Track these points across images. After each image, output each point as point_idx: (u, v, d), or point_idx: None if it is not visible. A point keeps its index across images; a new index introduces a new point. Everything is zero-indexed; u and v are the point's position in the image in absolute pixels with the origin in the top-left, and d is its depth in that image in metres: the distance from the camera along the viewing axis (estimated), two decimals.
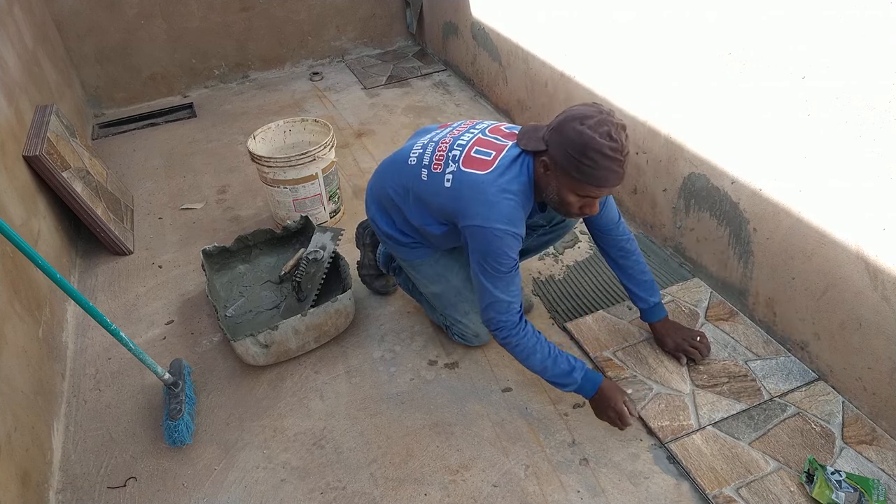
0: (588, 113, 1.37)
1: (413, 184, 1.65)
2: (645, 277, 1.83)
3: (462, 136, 1.62)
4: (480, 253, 1.51)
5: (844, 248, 1.58)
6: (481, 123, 1.68)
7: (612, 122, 1.36)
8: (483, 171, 1.51)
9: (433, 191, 1.60)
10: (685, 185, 2.11)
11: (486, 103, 3.51)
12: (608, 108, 1.40)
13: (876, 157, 1.44)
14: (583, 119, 1.36)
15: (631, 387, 1.80)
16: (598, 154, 1.35)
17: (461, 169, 1.54)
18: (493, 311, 1.56)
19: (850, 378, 1.69)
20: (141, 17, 3.58)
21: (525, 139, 1.51)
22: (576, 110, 1.40)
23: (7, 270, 1.79)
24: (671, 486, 1.56)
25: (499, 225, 1.47)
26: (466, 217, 1.51)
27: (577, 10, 2.41)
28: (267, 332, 1.84)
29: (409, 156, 1.68)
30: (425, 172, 1.62)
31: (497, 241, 1.48)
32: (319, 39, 4.10)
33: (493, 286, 1.53)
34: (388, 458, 1.68)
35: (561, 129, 1.40)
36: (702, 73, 1.89)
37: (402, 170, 1.69)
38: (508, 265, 1.52)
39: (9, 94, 2.33)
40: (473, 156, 1.55)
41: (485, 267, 1.52)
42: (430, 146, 1.66)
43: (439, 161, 1.60)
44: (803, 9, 1.51)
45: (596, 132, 1.34)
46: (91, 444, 1.78)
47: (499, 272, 1.52)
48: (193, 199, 2.87)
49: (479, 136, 1.60)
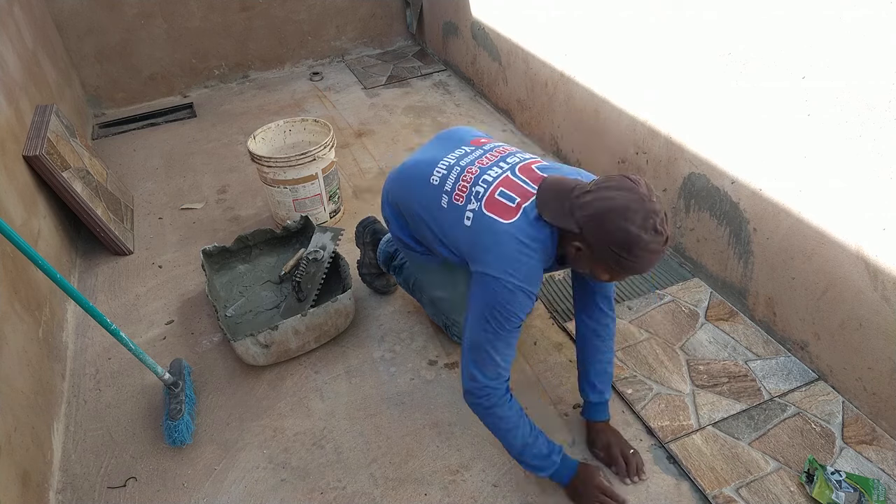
0: (631, 205, 1.21)
1: (432, 206, 1.55)
2: (609, 369, 1.65)
3: (490, 170, 1.49)
4: (486, 305, 1.37)
5: (844, 248, 1.59)
6: (512, 156, 1.53)
7: (656, 210, 1.22)
8: (505, 220, 1.38)
9: (451, 223, 1.50)
10: (685, 185, 2.11)
11: (486, 103, 3.51)
12: (645, 186, 1.25)
13: (876, 157, 1.44)
14: (626, 214, 1.21)
15: (631, 387, 1.80)
16: (645, 251, 1.23)
17: (482, 211, 1.42)
18: (482, 373, 1.40)
19: (850, 378, 1.69)
20: (141, 17, 3.58)
21: (549, 209, 1.34)
22: (616, 200, 1.23)
23: (7, 270, 1.79)
24: (671, 486, 1.56)
25: (513, 280, 1.34)
26: (480, 263, 1.39)
27: (577, 10, 2.41)
28: (267, 332, 1.84)
29: (433, 173, 1.57)
30: (445, 199, 1.51)
31: (508, 296, 1.34)
32: (319, 39, 4.10)
33: (491, 345, 1.38)
34: (388, 458, 1.68)
35: (601, 222, 1.24)
36: (702, 73, 1.89)
37: (423, 187, 1.58)
38: (514, 324, 1.38)
39: (9, 94, 2.33)
40: (497, 198, 1.42)
41: (487, 321, 1.37)
42: (455, 170, 1.54)
43: (461, 193, 1.48)
44: (803, 9, 1.51)
45: (643, 230, 1.20)
46: (91, 444, 1.78)
47: (501, 329, 1.37)
48: (193, 199, 2.87)
49: (507, 176, 1.46)
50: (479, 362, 1.41)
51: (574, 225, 1.29)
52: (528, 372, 1.89)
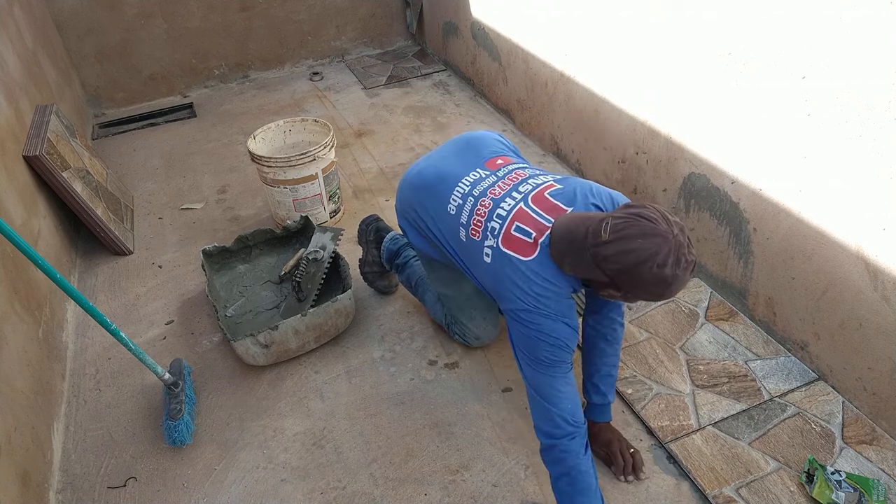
0: (659, 250, 1.17)
1: (451, 238, 1.57)
2: (613, 373, 1.65)
3: (503, 202, 1.47)
4: (528, 339, 1.35)
5: (844, 248, 1.59)
6: (524, 184, 1.50)
7: (681, 242, 1.19)
8: (524, 258, 1.37)
9: (472, 258, 1.51)
10: (685, 185, 2.11)
11: (486, 103, 3.51)
12: (662, 218, 1.20)
13: (876, 157, 1.44)
14: (657, 260, 1.17)
15: (631, 387, 1.80)
16: (681, 282, 1.22)
17: (500, 248, 1.41)
18: (556, 400, 1.36)
19: (850, 378, 1.69)
20: (141, 17, 3.58)
21: (568, 263, 1.31)
22: (643, 251, 1.18)
23: (7, 270, 1.79)
24: (671, 486, 1.56)
25: (548, 311, 1.33)
26: (509, 301, 1.38)
27: (577, 10, 2.41)
28: (267, 332, 1.84)
29: (450, 202, 1.56)
30: (463, 233, 1.51)
31: (548, 323, 1.33)
32: (319, 39, 4.10)
33: (551, 380, 1.35)
34: (388, 458, 1.68)
35: (635, 276, 1.20)
36: (702, 73, 1.89)
37: (442, 213, 1.57)
38: (563, 354, 1.34)
39: (9, 94, 2.33)
40: (513, 234, 1.40)
41: (538, 357, 1.35)
42: (469, 200, 1.53)
43: (477, 228, 1.48)
44: (803, 9, 1.51)
45: (676, 268, 1.18)
46: (91, 444, 1.78)
47: (552, 363, 1.34)
48: (193, 199, 2.87)
49: (521, 207, 1.43)
50: (548, 397, 1.37)
51: (602, 275, 1.25)
52: None
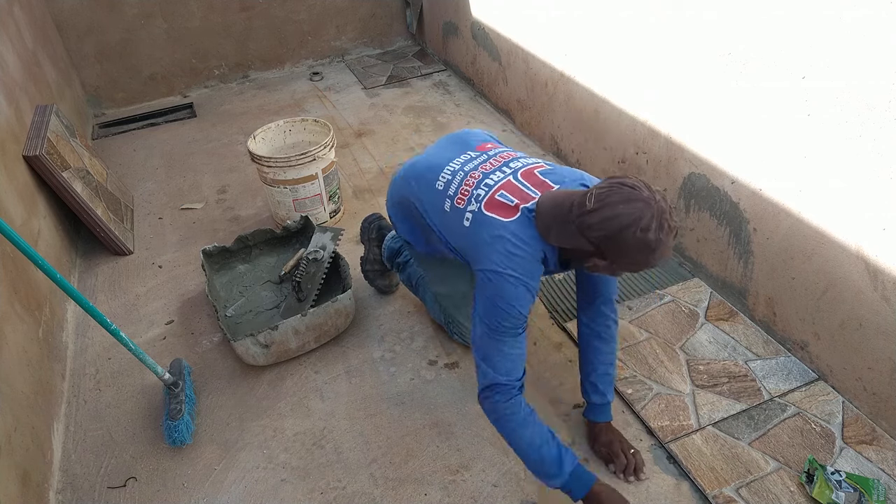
0: (642, 214, 1.22)
1: (436, 210, 1.58)
2: (611, 371, 1.65)
3: (492, 174, 1.51)
4: (489, 302, 1.38)
5: (844, 248, 1.59)
6: (515, 161, 1.56)
7: (663, 208, 1.24)
8: (505, 219, 1.40)
9: (452, 225, 1.53)
10: (685, 185, 2.11)
11: (486, 103, 3.51)
12: (645, 186, 1.26)
13: (876, 157, 1.44)
14: (640, 224, 1.22)
15: (631, 387, 1.80)
16: (666, 248, 1.27)
17: (482, 211, 1.44)
18: (493, 369, 1.40)
19: (850, 378, 1.69)
20: (141, 17, 3.58)
21: (554, 233, 1.36)
22: (626, 215, 1.23)
23: (7, 270, 1.79)
24: (671, 486, 1.56)
25: (515, 273, 1.36)
26: (481, 262, 1.41)
27: (577, 10, 2.41)
28: (267, 332, 1.84)
29: (439, 179, 1.59)
30: (448, 204, 1.54)
31: (510, 290, 1.36)
32: (319, 39, 4.10)
33: (498, 343, 1.39)
34: (388, 458, 1.68)
35: (619, 240, 1.25)
36: (702, 73, 1.89)
37: (429, 192, 1.61)
38: (517, 322, 1.38)
39: (9, 94, 2.33)
40: (497, 199, 1.44)
41: (492, 322, 1.38)
42: (458, 175, 1.56)
43: (464, 196, 1.51)
44: (803, 9, 1.51)
45: (660, 233, 1.23)
46: (91, 444, 1.78)
47: (505, 330, 1.38)
48: (193, 199, 2.87)
49: (509, 180, 1.48)
50: (489, 359, 1.41)
51: (587, 244, 1.30)
52: (529, 372, 1.88)
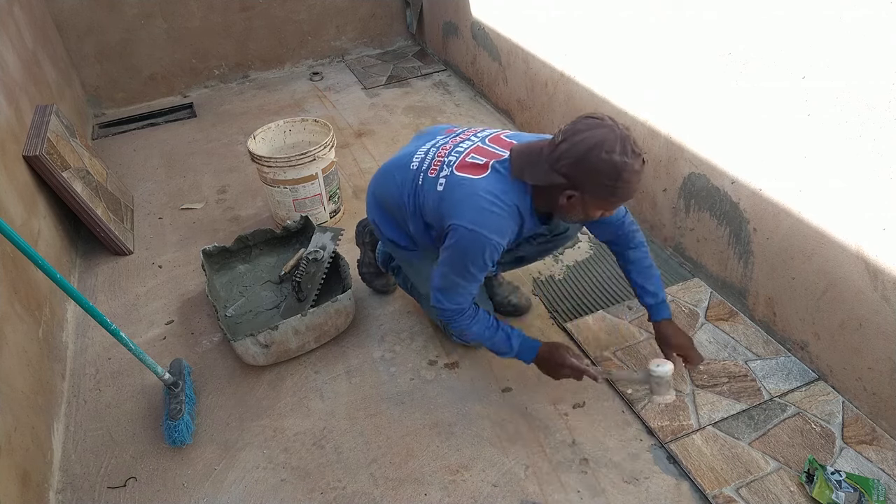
0: (606, 137, 1.33)
1: (411, 189, 1.64)
2: (656, 272, 1.76)
3: (461, 144, 1.61)
4: (459, 251, 1.49)
5: (844, 248, 1.59)
6: (484, 132, 1.66)
7: (627, 135, 1.35)
8: (476, 176, 1.50)
9: (425, 194, 1.59)
10: (685, 185, 2.11)
11: (486, 103, 3.51)
12: (608, 118, 1.38)
13: (876, 157, 1.44)
14: (605, 146, 1.32)
15: (631, 387, 1.80)
16: (632, 173, 1.34)
17: (454, 173, 1.53)
18: (449, 300, 1.58)
19: (850, 378, 1.69)
20: (141, 17, 3.58)
21: (528, 173, 1.45)
22: (589, 138, 1.34)
23: (7, 270, 1.79)
24: (671, 486, 1.56)
25: (485, 232, 1.45)
26: (454, 217, 1.49)
27: (577, 10, 2.41)
28: (267, 332, 1.84)
29: (412, 161, 1.67)
30: (422, 177, 1.61)
31: (480, 246, 1.46)
32: (319, 39, 4.10)
33: (465, 282, 1.55)
34: (388, 458, 1.68)
35: (586, 163, 1.34)
36: (702, 73, 1.89)
37: (405, 175, 1.67)
38: (483, 270, 1.52)
39: (9, 94, 2.33)
40: (468, 161, 1.54)
41: (459, 266, 1.51)
42: (431, 152, 1.65)
43: (436, 166, 1.59)
44: (803, 9, 1.51)
45: (625, 156, 1.32)
46: (91, 444, 1.78)
47: (470, 273, 1.52)
48: (193, 199, 2.87)
49: (478, 145, 1.59)
50: (446, 292, 1.58)
51: (559, 177, 1.39)
52: (528, 372, 1.88)
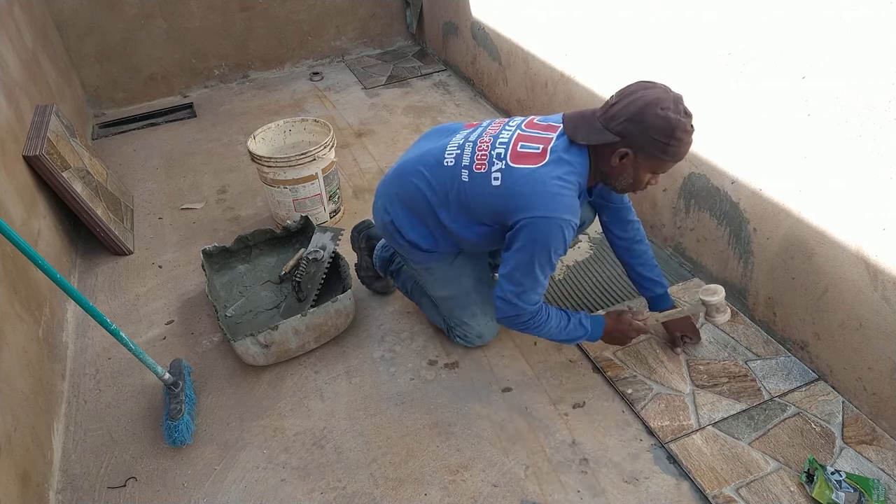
0: (660, 96, 1.39)
1: (452, 185, 1.60)
2: (655, 262, 1.86)
3: (501, 134, 1.60)
4: (540, 244, 1.49)
5: (844, 248, 1.59)
6: (513, 120, 1.65)
7: (679, 97, 1.41)
8: (536, 165, 1.49)
9: (477, 190, 1.56)
10: (685, 185, 2.11)
11: (486, 103, 3.51)
12: (659, 83, 1.44)
13: (876, 157, 1.44)
14: (659, 103, 1.38)
15: (631, 387, 1.80)
16: (685, 133, 1.40)
17: (510, 165, 1.51)
18: (524, 302, 1.57)
19: (850, 378, 1.69)
20: (141, 17, 3.58)
21: (580, 133, 1.49)
22: (645, 96, 1.40)
23: (7, 270, 1.79)
24: (671, 486, 1.56)
25: (565, 215, 1.47)
26: (526, 210, 1.48)
27: (577, 10, 2.41)
28: (267, 332, 1.84)
29: (445, 157, 1.63)
30: (466, 174, 1.58)
31: (559, 230, 1.47)
32: (319, 39, 4.10)
33: (537, 279, 1.54)
34: (388, 458, 1.68)
35: (641, 119, 1.39)
36: (702, 73, 1.89)
37: (437, 171, 1.64)
38: (560, 255, 1.54)
39: (9, 94, 2.33)
40: (521, 151, 1.53)
41: (541, 258, 1.51)
42: (467, 146, 1.62)
43: (482, 161, 1.56)
44: (803, 9, 1.51)
45: (678, 113, 1.38)
46: (91, 444, 1.78)
47: (551, 264, 1.53)
48: (193, 199, 2.87)
49: (519, 132, 1.58)
50: (522, 294, 1.56)
51: (612, 135, 1.43)
52: (529, 372, 1.89)
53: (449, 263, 1.81)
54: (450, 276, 1.83)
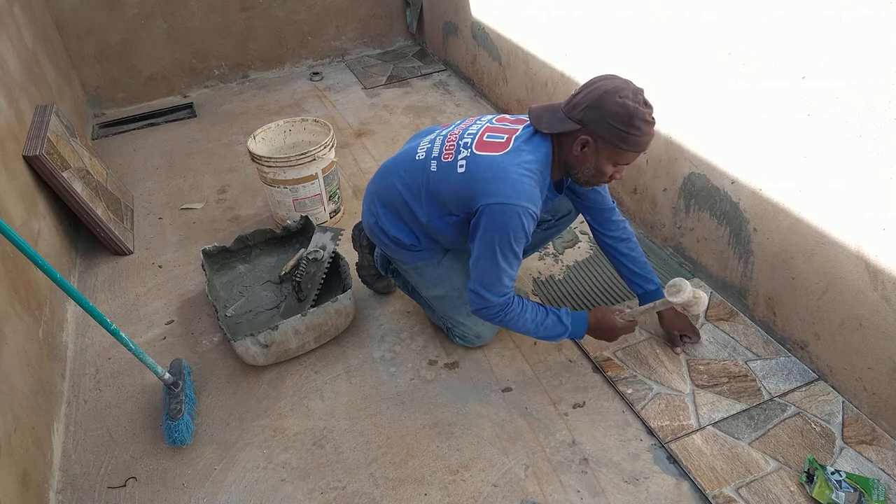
0: (619, 85, 1.42)
1: (423, 177, 1.65)
2: (646, 260, 1.87)
3: (471, 128, 1.64)
4: (499, 231, 1.50)
5: (844, 248, 1.59)
6: (485, 116, 1.70)
7: (640, 88, 1.44)
8: (499, 153, 1.52)
9: (444, 178, 1.60)
10: (685, 185, 2.11)
11: (486, 103, 3.51)
12: (620, 76, 1.46)
13: (876, 157, 1.44)
14: (618, 92, 1.40)
15: (631, 387, 1.80)
16: (643, 122, 1.41)
17: (475, 153, 1.55)
18: (491, 293, 1.57)
19: (850, 378, 1.69)
20: (141, 17, 3.58)
21: (544, 122, 1.52)
22: (605, 85, 1.43)
23: (7, 270, 1.79)
24: (671, 486, 1.56)
25: (523, 202, 1.48)
26: (486, 196, 1.50)
27: (577, 10, 2.41)
28: (267, 332, 1.84)
29: (417, 152, 1.70)
30: (435, 164, 1.63)
31: (519, 219, 1.48)
32: (319, 39, 4.10)
33: (501, 268, 1.54)
34: (388, 458, 1.68)
35: (600, 106, 1.41)
36: (702, 73, 1.89)
37: (410, 166, 1.70)
38: (523, 245, 1.54)
39: (9, 94, 2.33)
40: (486, 140, 1.56)
41: (502, 246, 1.52)
42: (437, 140, 1.68)
43: (450, 151, 1.61)
44: (803, 9, 1.51)
45: (637, 103, 1.40)
46: (91, 444, 1.78)
47: (514, 252, 1.53)
48: (193, 199, 2.87)
49: (488, 125, 1.63)
50: (488, 284, 1.57)
51: (573, 123, 1.46)
52: (528, 372, 1.89)
53: (437, 263, 1.83)
54: (439, 276, 1.84)
